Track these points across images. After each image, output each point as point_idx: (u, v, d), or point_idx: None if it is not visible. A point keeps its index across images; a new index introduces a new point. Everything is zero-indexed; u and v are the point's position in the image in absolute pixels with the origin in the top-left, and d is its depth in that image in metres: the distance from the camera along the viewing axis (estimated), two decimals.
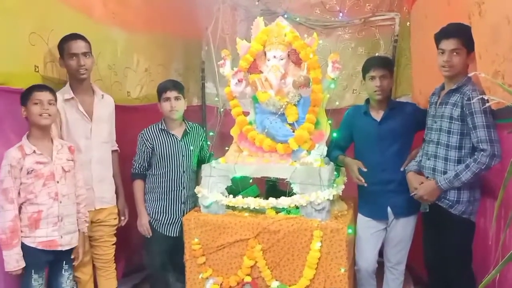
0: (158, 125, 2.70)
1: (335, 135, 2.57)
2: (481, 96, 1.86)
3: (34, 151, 2.09)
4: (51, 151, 2.16)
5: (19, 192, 2.07)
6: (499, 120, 1.97)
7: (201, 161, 2.78)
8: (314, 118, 2.42)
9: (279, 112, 2.51)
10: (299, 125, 2.45)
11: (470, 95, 2.00)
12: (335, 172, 2.55)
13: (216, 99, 3.86)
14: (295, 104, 2.49)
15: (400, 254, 2.56)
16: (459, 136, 2.11)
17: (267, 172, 2.44)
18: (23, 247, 2.05)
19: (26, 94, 2.09)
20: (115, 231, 2.67)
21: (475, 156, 2.01)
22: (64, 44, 2.37)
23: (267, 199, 2.40)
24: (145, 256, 2.77)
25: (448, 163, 2.15)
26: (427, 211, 2.32)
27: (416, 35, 3.23)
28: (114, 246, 2.67)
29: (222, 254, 2.41)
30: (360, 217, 2.60)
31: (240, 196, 2.47)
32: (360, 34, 3.67)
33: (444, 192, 2.15)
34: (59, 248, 2.17)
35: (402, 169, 2.45)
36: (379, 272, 2.63)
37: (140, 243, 2.79)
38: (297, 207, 2.36)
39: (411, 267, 2.87)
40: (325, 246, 2.24)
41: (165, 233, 2.67)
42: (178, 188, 2.67)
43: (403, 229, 2.51)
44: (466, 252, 2.17)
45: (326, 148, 2.48)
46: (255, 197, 2.50)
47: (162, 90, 2.64)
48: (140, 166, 2.69)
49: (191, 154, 2.71)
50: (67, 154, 2.24)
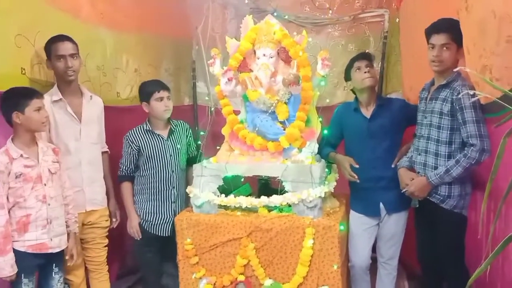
0: (143, 126, 2.68)
1: (326, 132, 2.58)
2: (467, 91, 1.88)
3: (21, 155, 2.07)
4: (37, 154, 2.14)
5: (7, 197, 2.04)
6: (488, 114, 1.98)
7: (190, 158, 2.77)
8: (304, 116, 2.42)
9: (270, 110, 2.50)
10: (290, 123, 2.45)
11: (460, 91, 2.01)
12: (326, 169, 2.55)
13: (207, 98, 3.85)
14: (285, 102, 2.49)
15: (392, 249, 2.57)
16: (449, 132, 2.12)
17: (258, 170, 2.44)
18: (13, 252, 2.03)
19: (24, 100, 2.05)
20: (107, 233, 2.65)
21: (465, 151, 2.02)
22: (51, 45, 2.35)
23: (260, 197, 2.40)
24: (137, 258, 2.75)
25: (439, 158, 2.16)
26: (417, 206, 2.34)
27: (406, 31, 3.25)
28: (106, 248, 2.65)
29: (215, 254, 2.41)
30: (353, 213, 2.61)
31: (232, 195, 2.46)
32: (350, 31, 3.68)
33: (435, 187, 2.16)
34: (50, 251, 2.15)
35: (393, 165, 2.46)
36: (373, 268, 2.64)
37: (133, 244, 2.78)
38: (289, 205, 2.36)
39: (404, 262, 2.88)
40: (317, 243, 2.24)
41: (156, 233, 2.65)
42: (168, 188, 2.66)
43: (395, 224, 2.52)
44: (459, 246, 2.18)
45: (317, 146, 2.49)
46: (247, 196, 2.50)
47: (153, 90, 2.61)
48: (127, 169, 2.66)
49: (178, 153, 2.70)
50: (52, 156, 2.22)
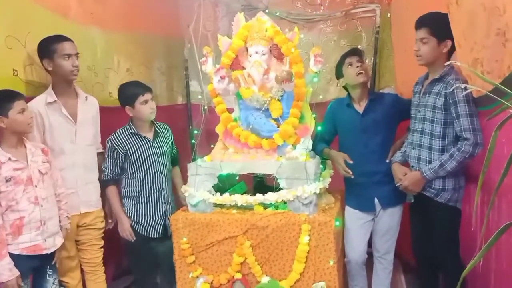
0: (127, 128, 2.64)
1: (319, 128, 2.58)
2: (458, 85, 1.89)
3: (10, 158, 2.05)
4: (26, 156, 2.12)
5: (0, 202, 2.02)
6: (480, 108, 1.99)
7: (171, 158, 2.79)
8: (298, 113, 2.42)
9: (263, 108, 2.49)
10: (284, 120, 2.44)
11: (453, 84, 2.02)
12: (321, 166, 2.56)
13: (200, 97, 3.84)
14: (278, 99, 2.48)
15: (388, 243, 2.58)
16: (442, 125, 2.13)
17: (253, 168, 2.43)
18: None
19: (6, 104, 2.03)
20: (103, 235, 2.64)
21: (459, 145, 2.03)
22: (54, 45, 2.32)
23: (255, 195, 2.40)
24: (130, 260, 2.74)
25: (433, 152, 2.17)
26: (412, 201, 2.35)
27: (397, 26, 3.26)
28: (102, 249, 2.64)
29: (211, 252, 2.41)
30: (348, 209, 2.62)
31: (227, 194, 2.46)
32: (342, 27, 3.68)
33: (429, 181, 2.17)
34: (44, 252, 2.14)
35: (387, 160, 2.47)
36: (368, 263, 2.66)
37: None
38: (284, 202, 2.36)
39: (400, 256, 2.90)
40: (313, 240, 2.24)
41: (148, 235, 2.65)
42: (158, 189, 2.65)
43: (390, 219, 2.54)
44: (453, 239, 2.19)
45: (311, 142, 2.49)
46: (242, 193, 2.50)
47: (136, 93, 2.57)
48: (112, 172, 2.62)
49: (165, 154, 2.70)
50: (41, 156, 2.20)
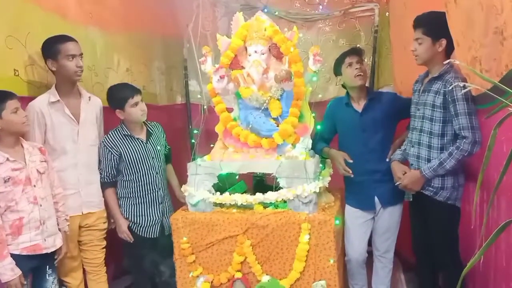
0: (119, 130, 2.63)
1: (319, 127, 2.58)
2: (457, 83, 1.89)
3: (7, 159, 2.04)
4: (23, 156, 2.12)
5: None
6: (479, 106, 2.00)
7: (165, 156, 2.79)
8: (297, 112, 2.42)
9: (263, 107, 2.50)
10: (283, 119, 2.45)
11: (452, 83, 2.02)
12: (320, 165, 2.56)
13: (199, 96, 3.84)
14: (278, 99, 2.49)
15: (388, 242, 2.59)
16: (441, 124, 2.14)
17: (253, 167, 2.44)
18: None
19: None
20: (105, 235, 2.64)
21: (458, 144, 2.04)
22: (59, 45, 2.31)
23: (255, 194, 2.40)
24: (128, 261, 2.74)
25: (432, 150, 2.18)
26: (410, 200, 2.36)
27: (396, 24, 3.26)
28: (104, 250, 2.64)
29: (211, 252, 2.41)
30: (348, 208, 2.62)
31: (227, 193, 2.46)
32: (340, 26, 3.69)
33: (428, 180, 2.18)
34: (44, 251, 2.14)
35: (387, 159, 2.47)
36: (368, 261, 2.66)
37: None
38: (284, 201, 2.36)
39: (400, 254, 2.91)
40: (313, 238, 2.25)
41: (145, 235, 2.65)
42: (154, 190, 2.66)
43: (390, 217, 2.54)
44: (453, 238, 2.20)
45: (310, 141, 2.49)
46: (242, 193, 2.50)
47: (126, 96, 2.56)
48: (108, 175, 2.62)
49: (159, 154, 2.70)
50: (39, 156, 2.19)
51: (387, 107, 2.50)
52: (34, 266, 2.14)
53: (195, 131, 3.20)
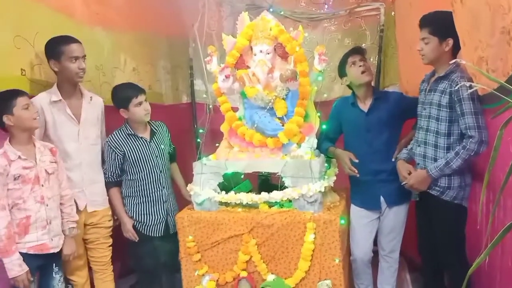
0: (123, 130, 2.65)
1: (324, 127, 2.58)
2: (463, 83, 1.89)
3: (19, 157, 2.07)
4: (34, 155, 2.14)
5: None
6: (485, 105, 1.99)
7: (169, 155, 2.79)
8: (302, 111, 2.43)
9: (268, 107, 2.51)
10: (288, 118, 2.45)
11: (458, 82, 2.02)
12: (326, 164, 2.56)
13: (205, 96, 3.85)
14: (283, 98, 2.49)
15: (393, 242, 2.59)
16: (447, 123, 2.13)
17: (258, 167, 2.45)
18: None
19: (9, 102, 2.05)
20: (111, 233, 2.66)
21: (464, 143, 2.03)
22: (62, 46, 2.32)
23: (260, 193, 2.41)
24: (133, 260, 2.76)
25: (438, 150, 2.18)
26: (417, 199, 2.35)
27: (401, 24, 3.25)
28: (111, 248, 2.65)
29: (217, 251, 2.42)
30: (353, 207, 2.62)
31: (232, 192, 2.47)
32: (346, 26, 3.68)
33: (434, 179, 2.17)
34: (51, 251, 2.16)
35: (393, 159, 2.47)
36: (374, 261, 2.66)
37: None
38: (289, 201, 2.37)
39: (405, 254, 2.90)
40: (318, 238, 2.25)
41: (150, 234, 2.67)
42: (159, 189, 2.67)
43: (396, 217, 2.54)
44: (459, 237, 2.19)
45: (316, 141, 2.49)
46: (247, 192, 2.51)
47: (130, 95, 2.57)
48: (113, 174, 2.63)
49: (163, 153, 2.71)
50: (49, 156, 2.21)
51: (393, 107, 2.49)
52: (41, 264, 2.16)
53: (201, 131, 3.21)
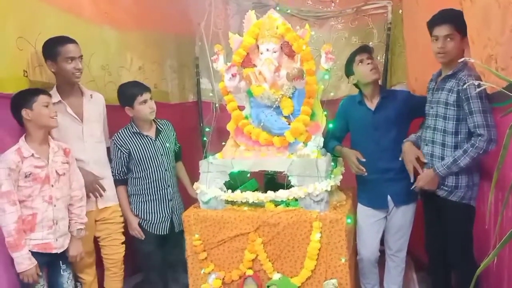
0: (129, 128, 2.66)
1: (331, 126, 2.57)
2: (471, 82, 1.87)
3: (33, 154, 2.09)
4: (48, 154, 2.16)
5: None
6: (494, 104, 1.97)
7: (174, 154, 2.80)
8: (309, 110, 2.42)
9: (274, 105, 2.50)
10: (295, 117, 2.45)
11: (466, 81, 2.00)
12: (332, 163, 2.55)
13: (211, 94, 3.86)
14: (290, 97, 2.49)
15: (400, 241, 2.57)
16: (455, 122, 2.11)
17: (264, 165, 2.44)
18: None
19: (31, 97, 2.09)
20: (123, 230, 2.67)
21: (473, 141, 2.01)
22: (58, 47, 2.33)
23: (266, 192, 2.41)
24: (139, 258, 2.77)
25: (445, 148, 2.16)
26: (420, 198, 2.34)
27: (409, 22, 3.23)
28: (124, 246, 2.66)
29: (223, 249, 2.43)
30: (360, 206, 2.61)
31: (238, 191, 2.47)
32: (353, 24, 3.66)
33: (442, 179, 2.16)
34: (54, 251, 2.17)
35: (400, 158, 2.45)
36: (381, 260, 2.65)
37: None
38: (295, 199, 2.36)
39: (412, 254, 2.89)
40: (324, 237, 2.25)
41: (155, 232, 2.68)
42: (164, 187, 2.68)
43: (403, 216, 2.52)
44: (467, 237, 2.18)
45: (322, 140, 2.48)
46: (253, 191, 2.51)
47: (135, 93, 2.58)
48: (119, 172, 2.65)
49: (168, 152, 2.71)
50: (62, 157, 2.23)
51: (400, 106, 2.48)
52: (47, 261, 2.17)
53: (207, 129, 3.22)
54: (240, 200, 2.45)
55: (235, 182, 2.59)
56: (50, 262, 2.20)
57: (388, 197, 2.51)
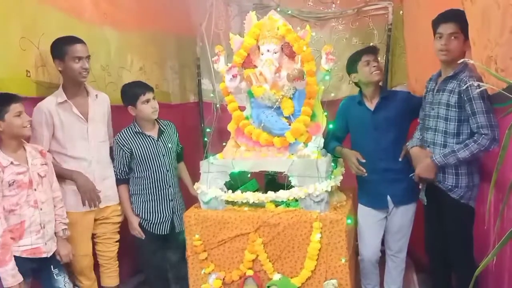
0: (131, 128, 2.67)
1: (331, 126, 2.58)
2: (471, 82, 1.87)
3: (12, 162, 2.04)
4: (26, 159, 2.11)
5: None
6: (495, 104, 1.97)
7: (176, 155, 2.81)
8: (309, 111, 2.43)
9: (275, 106, 2.51)
10: (295, 118, 2.45)
11: (467, 82, 1.99)
12: (332, 164, 2.56)
13: (212, 95, 3.87)
14: (290, 97, 2.49)
15: (400, 242, 2.58)
16: (456, 123, 2.11)
17: (265, 166, 2.45)
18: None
19: (2, 107, 2.00)
20: (118, 229, 2.68)
21: (475, 138, 2.00)
22: (66, 46, 2.34)
23: (266, 192, 2.41)
24: (140, 258, 2.78)
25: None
26: (425, 203, 2.33)
27: (410, 23, 3.23)
28: (118, 244, 2.68)
29: (223, 249, 2.43)
30: (361, 207, 2.62)
31: (239, 191, 2.47)
32: (353, 25, 3.66)
33: (442, 178, 2.16)
34: (44, 255, 2.12)
35: (400, 159, 2.46)
36: (381, 261, 2.65)
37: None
38: (296, 200, 2.37)
39: (413, 254, 2.89)
40: (325, 237, 2.25)
41: (156, 232, 2.69)
42: (165, 187, 2.69)
43: (403, 217, 2.53)
44: (467, 238, 2.18)
45: (323, 140, 2.48)
46: (254, 191, 2.51)
47: (138, 93, 2.59)
48: (121, 172, 2.66)
49: (170, 152, 2.72)
50: (40, 159, 2.18)
51: (400, 106, 2.48)
52: (35, 267, 2.12)
53: (208, 130, 3.23)
54: (241, 201, 2.45)
55: (235, 183, 2.59)
56: (41, 268, 2.15)
57: (388, 197, 2.51)
